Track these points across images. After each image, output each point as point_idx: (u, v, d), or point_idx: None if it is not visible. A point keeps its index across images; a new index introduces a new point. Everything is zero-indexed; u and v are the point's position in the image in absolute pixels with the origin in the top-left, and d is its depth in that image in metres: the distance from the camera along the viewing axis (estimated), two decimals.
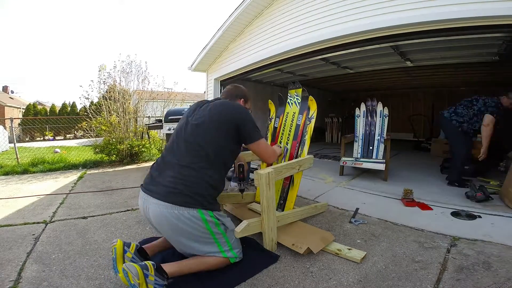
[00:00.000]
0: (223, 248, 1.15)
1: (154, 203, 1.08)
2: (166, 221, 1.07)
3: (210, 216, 1.11)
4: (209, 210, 1.12)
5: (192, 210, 1.07)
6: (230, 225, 1.21)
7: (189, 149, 1.16)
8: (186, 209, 1.06)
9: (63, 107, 15.56)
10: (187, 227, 1.07)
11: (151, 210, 1.09)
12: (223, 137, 1.21)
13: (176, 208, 1.06)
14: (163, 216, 1.06)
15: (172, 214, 1.05)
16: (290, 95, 1.94)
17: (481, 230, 1.57)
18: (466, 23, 2.18)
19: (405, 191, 2.18)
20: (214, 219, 1.12)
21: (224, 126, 1.21)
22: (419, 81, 6.08)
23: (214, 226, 1.12)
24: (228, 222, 1.21)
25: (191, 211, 1.07)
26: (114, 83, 4.42)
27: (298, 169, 1.55)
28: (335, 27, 3.03)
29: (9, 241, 1.52)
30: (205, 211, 1.10)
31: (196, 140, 1.17)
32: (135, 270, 0.93)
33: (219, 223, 1.14)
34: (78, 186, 2.85)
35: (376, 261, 1.26)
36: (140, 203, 1.18)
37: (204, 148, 1.16)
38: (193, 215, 1.07)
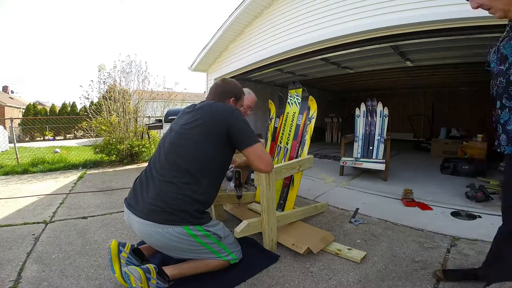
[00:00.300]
0: (220, 254, 1.12)
1: (137, 221, 1.03)
2: (152, 238, 1.03)
3: (199, 230, 1.04)
4: (196, 225, 1.04)
5: (177, 227, 1.00)
6: (223, 233, 1.13)
7: (169, 163, 1.08)
8: (171, 227, 1.00)
9: (63, 107, 15.57)
10: (175, 243, 1.02)
11: (135, 228, 1.06)
12: (212, 145, 1.09)
13: (159, 226, 0.99)
14: (147, 234, 1.02)
15: (156, 232, 1.00)
16: (290, 95, 1.94)
17: (481, 230, 1.57)
18: (465, 23, 2.18)
19: (405, 191, 2.18)
20: (203, 232, 1.05)
21: (211, 134, 1.09)
22: (419, 81, 6.08)
23: (205, 238, 1.06)
24: (220, 231, 1.12)
25: (176, 228, 1.00)
26: (114, 83, 4.42)
27: (298, 169, 1.55)
28: (335, 27, 3.03)
29: (9, 241, 1.52)
30: (192, 227, 1.03)
31: (177, 153, 1.08)
32: (138, 274, 0.91)
33: (209, 234, 1.07)
34: (78, 186, 2.85)
35: (376, 261, 1.26)
36: (125, 218, 1.12)
37: (185, 162, 1.06)
38: (179, 232, 1.00)
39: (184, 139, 1.11)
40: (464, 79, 5.61)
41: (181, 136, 1.13)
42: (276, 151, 1.91)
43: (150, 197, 1.04)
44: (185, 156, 1.08)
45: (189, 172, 1.05)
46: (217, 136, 1.10)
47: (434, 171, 3.29)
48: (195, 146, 1.08)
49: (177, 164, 1.07)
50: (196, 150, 1.08)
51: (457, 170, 3.04)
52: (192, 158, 1.07)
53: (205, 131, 1.10)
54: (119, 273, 1.01)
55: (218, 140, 1.10)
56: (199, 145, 1.08)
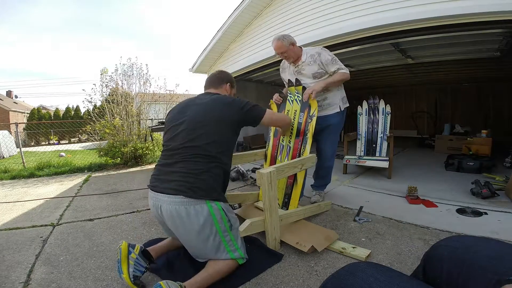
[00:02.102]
0: (230, 248, 1.15)
1: (166, 201, 1.09)
2: (178, 218, 1.08)
3: (218, 209, 1.12)
4: (216, 201, 1.13)
5: (201, 203, 1.09)
6: (234, 223, 1.21)
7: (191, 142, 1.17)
8: (196, 203, 1.08)
9: (66, 111, 15.76)
10: (196, 223, 1.08)
11: (163, 209, 1.11)
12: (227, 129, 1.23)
13: (186, 203, 1.07)
14: (174, 212, 1.08)
15: (181, 209, 1.07)
16: (291, 93, 1.94)
17: (488, 227, 1.56)
18: (466, 19, 2.16)
19: (409, 188, 2.17)
20: (221, 212, 1.13)
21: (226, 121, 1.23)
22: (421, 78, 6.04)
23: (221, 221, 1.13)
24: (234, 219, 1.20)
25: (200, 204, 1.08)
26: (117, 86, 4.46)
27: (301, 168, 1.55)
28: (335, 25, 3.03)
29: (18, 243, 1.55)
30: (213, 204, 1.11)
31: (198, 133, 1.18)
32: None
33: (226, 218, 1.14)
34: (84, 189, 2.89)
35: (381, 259, 1.26)
36: (151, 204, 1.18)
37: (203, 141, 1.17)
38: (202, 208, 1.08)
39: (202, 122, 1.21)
40: (466, 75, 5.55)
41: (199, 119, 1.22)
42: (278, 149, 1.91)
43: (175, 175, 1.12)
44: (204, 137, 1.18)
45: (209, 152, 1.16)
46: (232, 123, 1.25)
47: (439, 168, 3.26)
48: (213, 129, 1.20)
49: (196, 144, 1.16)
50: (213, 133, 1.19)
51: (462, 166, 3.01)
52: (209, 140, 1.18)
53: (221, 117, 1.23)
54: (127, 274, 1.03)
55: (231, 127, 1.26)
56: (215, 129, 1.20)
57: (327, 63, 1.83)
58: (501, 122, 5.67)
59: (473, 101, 6.33)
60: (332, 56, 1.85)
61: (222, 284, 1.11)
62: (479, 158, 3.08)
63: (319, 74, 1.85)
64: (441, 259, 0.54)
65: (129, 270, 1.04)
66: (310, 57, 1.86)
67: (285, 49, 1.83)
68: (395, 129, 4.54)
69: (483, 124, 5.17)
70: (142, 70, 4.62)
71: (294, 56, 1.89)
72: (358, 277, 0.47)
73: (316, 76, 1.86)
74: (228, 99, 1.31)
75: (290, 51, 1.85)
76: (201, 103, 1.28)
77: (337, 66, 1.84)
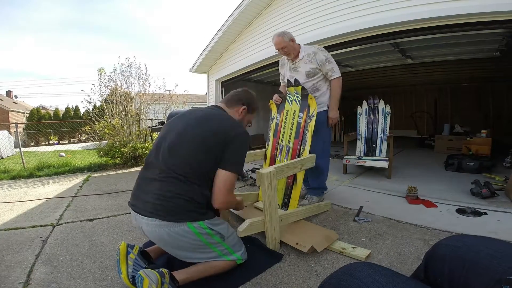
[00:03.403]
0: (225, 254, 1.14)
1: (145, 222, 1.05)
2: (160, 238, 1.06)
3: (203, 228, 1.06)
4: (199, 222, 1.05)
5: (182, 224, 1.03)
6: (226, 232, 1.14)
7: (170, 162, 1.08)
8: (176, 225, 1.02)
9: (66, 111, 15.76)
10: (181, 242, 1.05)
11: (144, 229, 1.08)
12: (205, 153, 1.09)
13: (165, 226, 1.02)
14: (156, 234, 1.05)
15: (164, 232, 1.03)
16: (290, 93, 1.94)
17: (487, 227, 1.56)
18: (466, 19, 2.17)
19: (409, 188, 2.17)
20: (207, 230, 1.07)
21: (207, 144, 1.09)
22: (421, 78, 6.05)
23: (208, 237, 1.08)
24: (224, 230, 1.13)
25: (180, 225, 1.03)
26: (116, 86, 4.46)
27: (301, 168, 1.55)
28: (335, 25, 3.03)
29: (18, 243, 1.55)
30: (195, 224, 1.04)
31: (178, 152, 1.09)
32: (155, 277, 0.92)
33: (213, 233, 1.08)
34: (84, 189, 2.89)
35: (381, 259, 1.26)
36: (133, 221, 1.14)
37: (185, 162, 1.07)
38: (184, 229, 1.03)
39: (185, 142, 1.10)
40: (466, 75, 5.56)
41: (182, 139, 1.12)
42: (278, 149, 1.91)
43: (152, 197, 1.06)
44: (182, 158, 1.08)
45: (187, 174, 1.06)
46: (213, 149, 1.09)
47: (438, 168, 3.27)
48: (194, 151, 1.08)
49: (176, 166, 1.07)
50: (195, 156, 1.08)
51: (462, 166, 3.01)
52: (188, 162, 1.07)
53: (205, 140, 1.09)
54: (126, 274, 1.03)
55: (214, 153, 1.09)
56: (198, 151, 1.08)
57: (322, 63, 1.86)
58: (501, 122, 5.68)
59: (473, 101, 6.34)
60: (326, 56, 1.88)
61: (222, 284, 1.11)
62: (479, 158, 3.08)
63: (312, 73, 1.88)
64: (443, 259, 0.54)
65: (128, 270, 1.03)
66: (307, 56, 1.89)
67: (285, 44, 1.86)
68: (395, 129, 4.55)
69: (483, 124, 5.17)
70: (141, 70, 4.63)
71: (294, 52, 1.91)
72: (356, 278, 0.47)
73: (309, 75, 1.88)
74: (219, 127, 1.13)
75: (290, 46, 1.87)
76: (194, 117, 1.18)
77: (331, 66, 1.87)
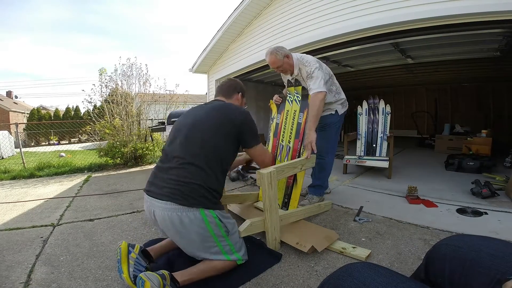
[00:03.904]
0: (226, 252, 1.15)
1: (159, 206, 1.09)
2: (171, 224, 1.08)
3: (213, 217, 1.11)
4: (211, 210, 1.11)
5: (194, 210, 1.07)
6: (232, 228, 1.18)
7: (187, 150, 1.16)
8: (189, 210, 1.07)
9: (66, 111, 15.77)
10: (190, 230, 1.08)
11: (157, 214, 1.10)
12: (222, 139, 1.20)
13: (179, 210, 1.06)
14: (168, 219, 1.07)
15: (175, 216, 1.06)
16: (290, 93, 1.94)
17: (488, 227, 1.56)
18: (466, 19, 2.16)
19: (409, 188, 2.17)
20: (216, 220, 1.12)
21: (222, 130, 1.20)
22: (421, 77, 6.04)
23: (216, 228, 1.12)
24: (230, 225, 1.18)
25: (193, 212, 1.07)
26: (116, 87, 4.46)
27: (301, 169, 1.55)
28: (335, 25, 3.03)
29: (19, 243, 1.55)
30: (207, 212, 1.10)
31: (194, 141, 1.17)
32: (157, 280, 0.92)
33: (221, 225, 1.13)
34: (84, 189, 2.89)
35: (381, 259, 1.26)
36: (145, 207, 1.18)
37: (201, 149, 1.16)
38: (196, 215, 1.07)
39: (200, 131, 1.20)
40: (466, 75, 5.56)
41: (198, 128, 1.21)
42: (278, 149, 1.91)
43: (169, 183, 1.11)
44: (200, 145, 1.16)
45: (206, 157, 1.15)
46: (230, 133, 1.22)
47: (439, 167, 3.27)
48: (210, 138, 1.18)
49: (195, 153, 1.15)
50: (211, 142, 1.17)
51: (462, 166, 3.01)
52: (209, 144, 1.17)
53: (220, 127, 1.20)
54: (127, 273, 1.03)
55: (231, 137, 1.22)
56: (214, 138, 1.18)
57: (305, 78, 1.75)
58: (501, 122, 5.68)
59: (473, 101, 6.33)
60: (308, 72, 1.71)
61: (222, 284, 1.11)
62: (479, 158, 3.08)
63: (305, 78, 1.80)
64: (443, 259, 0.54)
65: (129, 269, 1.04)
66: (300, 71, 1.82)
67: (280, 63, 1.76)
68: (395, 129, 4.55)
69: (483, 124, 5.17)
70: (141, 70, 4.63)
71: (290, 69, 1.82)
72: (356, 278, 0.47)
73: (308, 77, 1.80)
74: (231, 109, 1.28)
75: (285, 64, 1.78)
76: (202, 111, 1.28)
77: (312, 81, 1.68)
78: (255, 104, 6.49)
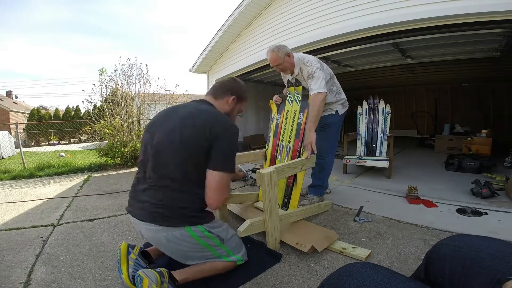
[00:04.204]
0: (224, 256, 1.14)
1: (144, 227, 1.04)
2: (160, 243, 1.06)
3: (201, 231, 1.05)
4: (198, 225, 1.04)
5: (180, 229, 1.02)
6: (225, 235, 1.13)
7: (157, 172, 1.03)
8: (174, 230, 1.02)
9: (66, 111, 15.77)
10: (180, 246, 1.05)
11: (143, 233, 1.08)
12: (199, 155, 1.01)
13: (163, 230, 1.01)
14: (156, 239, 1.06)
15: (162, 236, 1.02)
16: (290, 93, 1.94)
17: (488, 227, 1.56)
18: (466, 19, 2.16)
19: (409, 188, 2.17)
20: (205, 233, 1.06)
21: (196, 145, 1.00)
22: (421, 78, 6.04)
23: (208, 240, 1.07)
24: (223, 232, 1.12)
25: (179, 230, 1.02)
26: (116, 86, 4.46)
27: (301, 169, 1.55)
28: (335, 25, 3.03)
29: (18, 243, 1.55)
30: (194, 228, 1.04)
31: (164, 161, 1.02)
32: (155, 277, 0.92)
33: (212, 236, 1.08)
34: (84, 189, 2.89)
35: (381, 259, 1.26)
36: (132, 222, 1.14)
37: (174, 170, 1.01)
38: (182, 233, 1.02)
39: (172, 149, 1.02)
40: (466, 75, 5.56)
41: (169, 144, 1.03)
42: (278, 149, 1.91)
43: (146, 204, 1.04)
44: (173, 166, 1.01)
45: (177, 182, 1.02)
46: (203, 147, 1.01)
47: (439, 167, 3.27)
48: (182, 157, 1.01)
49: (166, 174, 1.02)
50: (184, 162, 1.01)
51: (462, 166, 3.01)
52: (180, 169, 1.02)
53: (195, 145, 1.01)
54: (126, 274, 1.03)
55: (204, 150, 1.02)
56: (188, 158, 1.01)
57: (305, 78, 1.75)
58: (501, 122, 5.68)
59: (473, 101, 6.33)
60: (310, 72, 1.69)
61: (222, 284, 1.11)
62: (479, 158, 3.08)
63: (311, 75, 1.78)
64: (443, 259, 0.54)
65: (129, 270, 1.04)
66: (300, 71, 1.81)
67: (281, 61, 1.75)
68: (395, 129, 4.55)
69: (483, 124, 5.17)
70: (141, 70, 4.63)
71: (291, 68, 1.80)
72: (356, 278, 0.47)
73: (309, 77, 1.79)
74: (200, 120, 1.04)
75: (286, 62, 1.76)
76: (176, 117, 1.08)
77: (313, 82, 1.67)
78: (255, 104, 6.50)
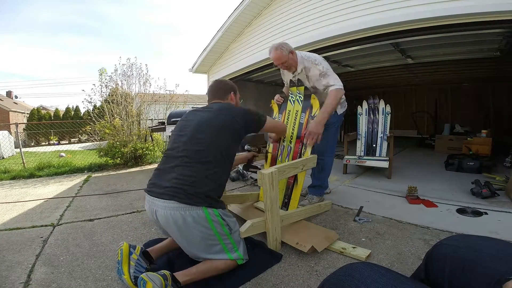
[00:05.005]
0: (229, 250, 1.15)
1: (161, 205, 1.09)
2: (173, 224, 1.08)
3: (216, 216, 1.11)
4: (214, 209, 1.12)
5: (198, 209, 1.08)
6: (234, 226, 1.20)
7: (192, 149, 1.17)
8: (192, 209, 1.07)
9: (66, 111, 15.78)
10: (193, 229, 1.08)
11: (159, 213, 1.10)
12: (229, 137, 1.24)
13: (182, 208, 1.06)
14: (170, 218, 1.07)
15: (178, 215, 1.06)
16: (292, 93, 1.94)
17: (488, 227, 1.56)
18: (466, 19, 2.17)
19: (409, 188, 2.17)
20: (219, 218, 1.13)
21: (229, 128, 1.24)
22: (421, 77, 6.04)
23: (219, 226, 1.12)
24: (232, 223, 1.20)
25: (196, 210, 1.07)
26: (116, 87, 4.46)
27: (302, 169, 1.55)
28: (335, 25, 3.03)
29: (18, 243, 1.55)
30: (210, 210, 1.10)
31: (200, 140, 1.19)
32: (159, 280, 0.92)
33: (224, 223, 1.14)
34: (84, 189, 2.89)
35: (381, 259, 1.26)
36: (147, 207, 1.18)
37: (207, 148, 1.17)
38: (199, 214, 1.08)
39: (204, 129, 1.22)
40: (466, 75, 5.56)
41: (202, 127, 1.23)
42: (279, 149, 1.91)
43: (173, 181, 1.11)
44: (205, 144, 1.18)
45: (209, 155, 1.16)
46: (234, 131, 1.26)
47: (439, 167, 3.27)
48: (215, 136, 1.21)
49: (200, 150, 1.17)
50: (215, 140, 1.20)
51: (462, 166, 3.01)
52: (211, 147, 1.18)
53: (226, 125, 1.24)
54: (128, 275, 1.03)
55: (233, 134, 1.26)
56: (218, 136, 1.21)
57: (316, 79, 1.73)
58: (501, 122, 5.68)
59: (473, 101, 6.33)
60: (321, 70, 1.71)
61: (223, 284, 1.11)
62: (479, 158, 3.09)
63: (314, 77, 1.78)
64: (443, 259, 0.54)
65: (130, 271, 1.04)
66: (304, 69, 1.80)
67: (286, 59, 1.73)
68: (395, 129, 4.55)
69: (483, 124, 5.17)
70: (141, 70, 4.63)
71: (294, 65, 1.80)
72: (356, 278, 0.47)
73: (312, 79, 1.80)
74: (232, 109, 1.33)
75: (290, 60, 1.75)
76: (206, 112, 1.31)
77: (327, 80, 1.69)
78: (255, 104, 6.49)
